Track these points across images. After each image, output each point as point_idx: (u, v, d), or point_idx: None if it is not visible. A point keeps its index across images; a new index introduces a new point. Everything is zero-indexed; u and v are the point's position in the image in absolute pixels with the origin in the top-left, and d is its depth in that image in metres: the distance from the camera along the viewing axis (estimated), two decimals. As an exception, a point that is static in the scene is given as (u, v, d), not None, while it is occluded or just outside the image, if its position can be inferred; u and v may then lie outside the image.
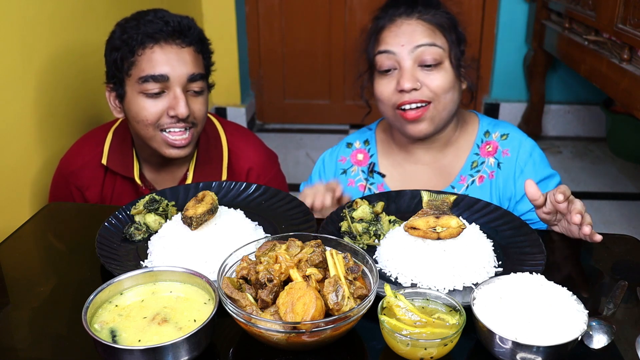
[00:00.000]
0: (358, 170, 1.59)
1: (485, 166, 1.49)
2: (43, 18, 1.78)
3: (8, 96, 1.64)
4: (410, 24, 1.41)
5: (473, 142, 1.52)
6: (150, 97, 1.45)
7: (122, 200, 1.61)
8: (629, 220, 2.93)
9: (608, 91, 2.46)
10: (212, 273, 1.05)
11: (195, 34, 1.50)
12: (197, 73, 1.49)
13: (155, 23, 1.45)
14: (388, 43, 1.41)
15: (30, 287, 1.10)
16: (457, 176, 1.50)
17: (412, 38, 1.39)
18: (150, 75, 1.43)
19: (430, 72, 1.39)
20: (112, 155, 1.60)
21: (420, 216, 1.08)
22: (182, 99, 1.45)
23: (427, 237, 1.06)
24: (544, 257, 1.08)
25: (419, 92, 1.39)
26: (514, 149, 1.49)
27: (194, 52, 1.49)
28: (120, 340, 0.87)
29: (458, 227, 1.05)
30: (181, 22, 1.48)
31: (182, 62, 1.46)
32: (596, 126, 3.93)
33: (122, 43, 1.45)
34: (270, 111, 4.17)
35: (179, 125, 1.48)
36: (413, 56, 1.38)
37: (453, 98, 1.43)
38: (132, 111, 1.49)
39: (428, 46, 1.38)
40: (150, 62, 1.44)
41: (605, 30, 2.48)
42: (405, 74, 1.38)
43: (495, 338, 0.86)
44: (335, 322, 0.86)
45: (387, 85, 1.42)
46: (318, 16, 3.87)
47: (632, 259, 1.20)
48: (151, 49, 1.44)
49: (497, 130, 1.52)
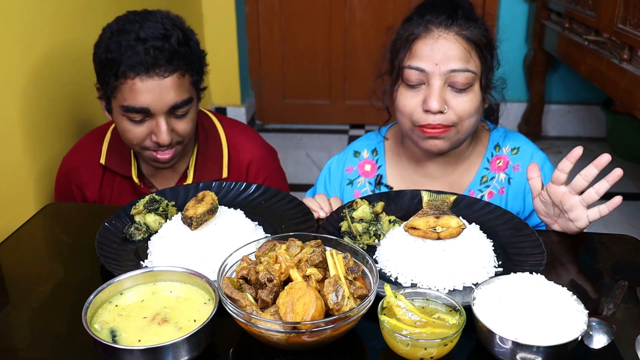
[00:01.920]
0: (365, 182, 1.55)
1: (496, 182, 1.46)
2: (42, 17, 1.78)
3: (8, 96, 1.64)
4: (448, 39, 1.31)
5: (483, 156, 1.48)
6: (134, 122, 1.45)
7: (121, 199, 1.61)
8: (629, 220, 2.93)
9: (608, 91, 2.46)
10: (212, 273, 1.05)
11: (179, 58, 1.43)
12: (181, 100, 1.44)
13: (135, 52, 1.38)
14: (421, 59, 1.32)
15: (30, 287, 1.10)
16: (465, 190, 1.47)
17: (447, 59, 1.30)
18: (132, 107, 1.41)
19: (459, 95, 1.32)
20: (110, 155, 1.61)
21: (420, 216, 1.08)
22: (164, 127, 1.43)
23: (427, 237, 1.06)
24: (544, 257, 1.08)
25: (444, 116, 1.32)
26: (524, 163, 1.45)
27: (177, 78, 1.43)
28: (120, 340, 0.87)
29: (458, 227, 1.05)
30: (163, 48, 1.39)
31: (164, 92, 1.41)
32: (596, 126, 3.93)
33: (106, 61, 1.41)
34: (270, 111, 4.17)
35: (162, 147, 1.48)
36: (445, 78, 1.31)
37: (476, 121, 1.38)
38: (118, 128, 1.50)
39: (462, 72, 1.30)
40: (132, 93, 1.40)
41: (605, 30, 2.48)
42: (433, 93, 1.31)
43: (495, 338, 0.86)
44: (335, 322, 0.86)
45: (411, 99, 1.35)
46: (318, 16, 3.87)
47: (632, 259, 1.20)
48: (132, 79, 1.39)
49: (508, 143, 1.48)
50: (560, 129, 3.97)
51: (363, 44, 3.89)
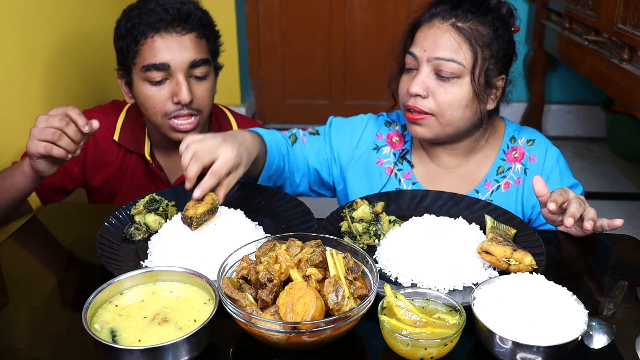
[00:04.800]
0: (390, 152, 1.55)
1: (512, 172, 1.46)
2: (45, 10, 1.78)
3: (12, 92, 1.64)
4: (441, 28, 1.34)
5: (499, 148, 1.49)
6: (154, 84, 1.49)
7: (135, 175, 1.65)
8: (629, 220, 2.93)
9: (608, 91, 2.46)
10: (212, 273, 1.05)
11: (196, 19, 1.51)
12: (199, 59, 1.51)
13: (155, 12, 1.47)
14: (416, 45, 1.37)
15: (30, 287, 1.10)
16: (482, 181, 1.47)
17: (436, 47, 1.33)
18: (152, 64, 1.47)
19: (443, 84, 1.33)
20: (124, 133, 1.64)
21: (495, 243, 1.06)
22: (184, 84, 1.48)
23: (497, 265, 1.04)
24: (544, 257, 1.08)
25: (424, 101, 1.34)
26: (540, 155, 1.46)
27: (195, 38, 1.51)
28: (120, 340, 0.87)
29: (529, 265, 1.02)
30: (181, 8, 1.49)
31: (182, 49, 1.48)
32: (596, 126, 3.93)
33: (126, 32, 1.49)
34: (270, 111, 4.17)
35: (184, 112, 1.50)
36: (431, 65, 1.34)
37: (463, 116, 1.36)
38: (139, 98, 1.53)
39: (446, 61, 1.31)
40: (152, 51, 1.47)
41: (605, 30, 2.48)
42: (417, 78, 1.35)
43: (495, 338, 0.86)
44: (335, 322, 0.86)
45: (404, 83, 1.40)
46: (318, 16, 3.87)
47: (632, 259, 1.20)
48: (152, 38, 1.47)
49: (523, 135, 1.49)
50: (560, 129, 3.96)
51: (363, 44, 3.89)
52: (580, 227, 1.22)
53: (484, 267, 1.08)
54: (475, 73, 1.33)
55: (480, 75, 1.34)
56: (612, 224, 1.20)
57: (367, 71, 3.97)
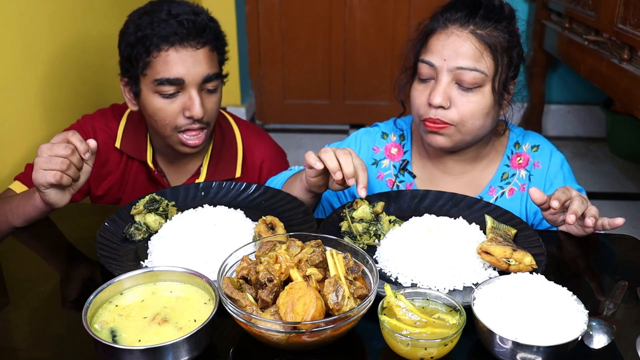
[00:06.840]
0: (389, 165, 1.53)
1: (517, 178, 1.45)
2: (44, 13, 1.77)
3: (12, 94, 1.63)
4: (460, 36, 1.30)
5: (503, 153, 1.48)
6: (166, 97, 1.45)
7: (137, 182, 1.63)
8: (629, 220, 2.93)
9: (608, 91, 2.45)
10: (212, 273, 1.05)
11: (210, 33, 1.48)
12: (212, 73, 1.48)
13: (169, 24, 1.42)
14: (432, 53, 1.32)
15: (30, 287, 1.10)
16: (486, 187, 1.46)
17: (457, 55, 1.29)
18: (166, 78, 1.42)
19: (466, 94, 1.30)
20: (125, 140, 1.62)
21: (495, 243, 1.06)
22: (197, 100, 1.45)
23: (497, 265, 1.04)
24: (544, 257, 1.08)
25: (446, 112, 1.31)
26: (545, 160, 1.45)
27: (208, 51, 1.48)
28: (120, 340, 0.87)
29: (529, 265, 1.02)
30: (196, 21, 1.45)
31: (197, 63, 1.45)
32: (596, 126, 3.93)
33: (136, 41, 1.43)
34: (270, 111, 4.17)
35: (195, 126, 1.48)
36: (452, 74, 1.30)
37: (484, 125, 1.34)
38: (148, 109, 1.49)
39: (469, 70, 1.28)
40: (166, 64, 1.42)
41: (605, 30, 2.48)
42: (437, 88, 1.31)
43: (496, 338, 0.86)
44: (335, 322, 0.86)
45: (421, 93, 1.35)
46: (318, 16, 3.87)
47: (632, 259, 1.20)
48: (166, 51, 1.42)
49: (527, 141, 1.48)
50: (560, 129, 3.97)
51: (363, 44, 3.89)
52: (581, 227, 1.22)
53: (484, 267, 1.08)
54: (496, 81, 1.31)
55: (500, 82, 1.33)
56: (613, 223, 1.20)
57: (367, 71, 3.97)
